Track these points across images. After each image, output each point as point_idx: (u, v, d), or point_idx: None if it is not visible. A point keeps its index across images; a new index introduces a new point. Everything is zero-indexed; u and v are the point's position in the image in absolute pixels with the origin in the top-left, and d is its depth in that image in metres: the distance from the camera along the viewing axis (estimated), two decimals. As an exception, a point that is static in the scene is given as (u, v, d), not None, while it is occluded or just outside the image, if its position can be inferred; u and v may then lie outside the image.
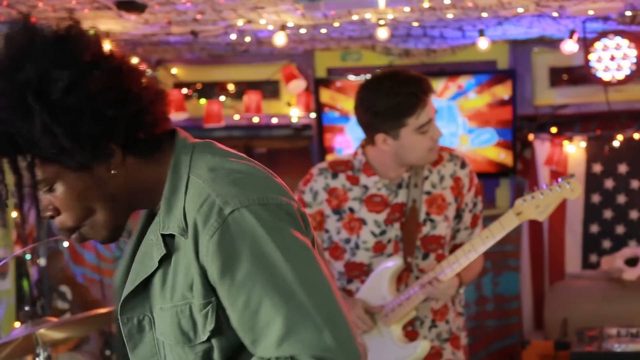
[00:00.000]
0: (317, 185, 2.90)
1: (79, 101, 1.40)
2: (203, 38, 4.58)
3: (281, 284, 1.38)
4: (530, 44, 5.19)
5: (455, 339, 2.95)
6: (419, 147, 2.79)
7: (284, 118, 5.50)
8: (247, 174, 1.48)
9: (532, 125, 5.39)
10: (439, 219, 2.87)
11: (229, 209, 1.41)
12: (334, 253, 2.93)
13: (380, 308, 2.86)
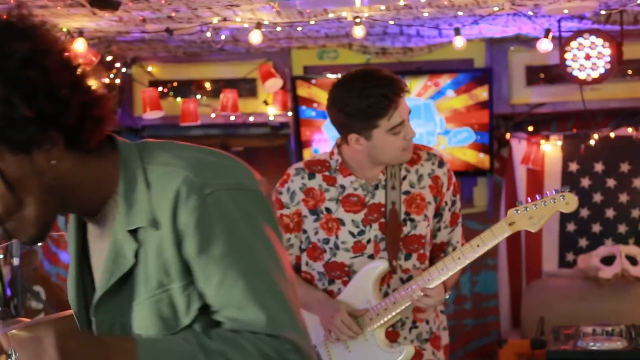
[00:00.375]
0: (293, 186, 2.88)
1: (36, 75, 1.39)
2: (178, 36, 4.54)
3: (254, 266, 1.43)
4: (506, 42, 5.20)
5: (435, 339, 2.93)
6: (392, 148, 2.77)
7: (260, 116, 5.48)
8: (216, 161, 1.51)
9: (508, 124, 5.40)
10: (419, 219, 2.85)
11: (209, 190, 1.43)
12: (312, 254, 2.90)
13: (364, 311, 2.83)
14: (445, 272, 2.78)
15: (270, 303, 1.43)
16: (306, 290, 2.89)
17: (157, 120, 5.33)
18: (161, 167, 1.47)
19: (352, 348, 2.86)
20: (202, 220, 1.42)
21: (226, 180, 1.46)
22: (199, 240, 1.42)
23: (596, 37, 4.50)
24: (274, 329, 1.41)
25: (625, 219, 5.24)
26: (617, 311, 4.71)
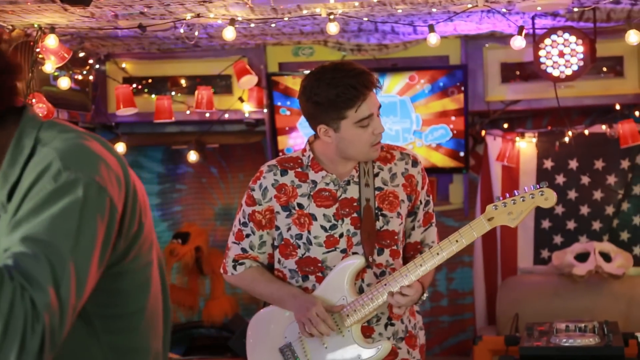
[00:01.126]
0: (265, 182, 2.88)
1: None
2: (152, 32, 4.51)
3: (65, 254, 1.43)
4: (481, 39, 5.20)
5: (410, 338, 2.92)
6: (359, 142, 2.76)
7: (236, 113, 5.45)
8: (93, 152, 1.53)
9: (484, 121, 5.41)
10: (392, 215, 2.85)
11: (66, 175, 1.45)
12: (284, 251, 2.89)
13: (341, 307, 2.83)
14: (424, 267, 2.78)
15: (60, 291, 1.40)
16: (281, 286, 2.89)
17: (131, 117, 5.29)
18: (45, 148, 1.50)
19: (328, 344, 2.85)
20: (47, 197, 1.44)
21: (89, 171, 1.48)
22: (29, 210, 1.44)
23: (569, 34, 4.51)
24: (44, 309, 1.38)
25: (600, 216, 5.26)
26: (590, 308, 4.73)
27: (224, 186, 6.00)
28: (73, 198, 1.45)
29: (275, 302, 2.94)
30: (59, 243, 1.42)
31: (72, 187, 1.45)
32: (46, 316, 1.38)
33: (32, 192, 1.45)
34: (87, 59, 5.10)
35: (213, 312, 5.55)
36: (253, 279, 2.93)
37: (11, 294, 1.36)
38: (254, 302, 5.70)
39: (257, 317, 3.05)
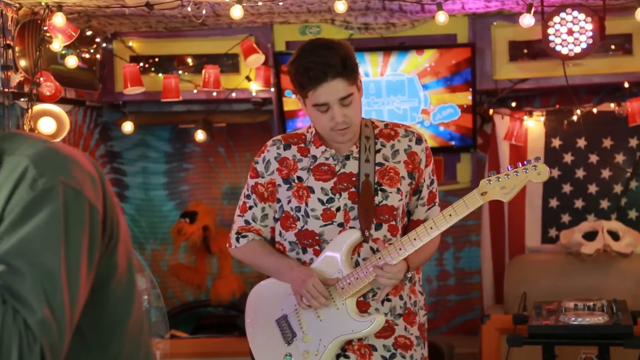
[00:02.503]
0: (269, 155, 2.95)
1: None
2: (158, 11, 4.49)
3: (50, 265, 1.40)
4: (489, 17, 5.17)
5: (409, 315, 2.94)
6: (319, 123, 2.83)
7: (243, 92, 5.43)
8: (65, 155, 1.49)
9: (491, 99, 5.38)
10: (392, 191, 2.88)
11: (43, 181, 1.41)
12: (285, 223, 2.94)
13: (336, 281, 2.86)
14: (418, 242, 2.80)
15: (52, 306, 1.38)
16: (278, 258, 2.94)
17: (138, 96, 5.28)
18: (13, 157, 1.45)
19: (323, 317, 2.89)
20: (27, 208, 1.40)
21: (63, 175, 1.44)
22: (12, 224, 1.40)
23: (578, 12, 4.48)
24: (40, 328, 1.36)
25: (608, 195, 5.24)
26: (598, 286, 4.73)
27: (231, 165, 6.00)
28: (53, 207, 1.41)
29: (273, 274, 2.99)
30: (45, 255, 1.40)
31: (50, 195, 1.42)
32: (42, 334, 1.36)
33: (10, 204, 1.41)
34: (94, 38, 5.08)
35: (221, 291, 5.56)
36: (254, 251, 2.99)
37: (2, 318, 1.34)
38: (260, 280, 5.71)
39: (255, 290, 3.11)
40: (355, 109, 2.81)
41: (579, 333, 3.67)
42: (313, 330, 2.91)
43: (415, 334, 2.95)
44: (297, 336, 2.94)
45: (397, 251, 2.80)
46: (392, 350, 2.89)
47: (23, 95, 4.31)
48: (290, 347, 2.95)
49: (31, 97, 4.30)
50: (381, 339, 2.89)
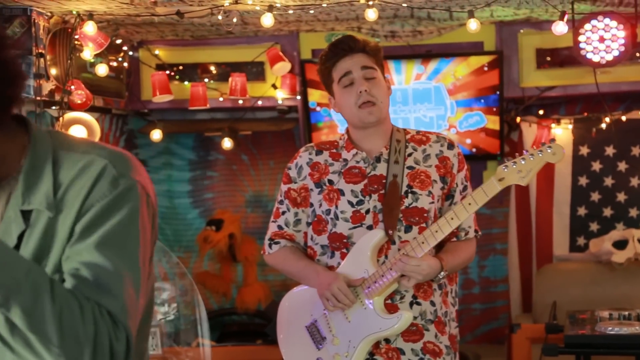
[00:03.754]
0: (301, 161, 2.99)
1: None
2: (187, 19, 4.49)
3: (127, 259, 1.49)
4: (516, 25, 5.15)
5: (440, 323, 2.92)
6: (348, 103, 2.90)
7: (269, 100, 5.43)
8: (132, 158, 1.58)
9: (518, 107, 5.36)
10: (422, 193, 2.88)
11: (123, 181, 1.50)
12: (317, 227, 2.96)
13: (361, 280, 2.87)
14: (440, 234, 2.82)
15: (129, 296, 1.46)
16: (307, 264, 2.96)
17: (164, 104, 5.28)
18: (80, 154, 1.52)
19: (351, 318, 2.89)
20: (110, 205, 1.49)
21: (137, 176, 1.53)
22: (94, 218, 1.47)
23: (610, 19, 4.45)
24: (122, 315, 1.44)
25: (637, 203, 5.22)
26: (629, 295, 4.70)
27: (255, 173, 5.99)
28: (133, 204, 1.50)
29: (302, 280, 3.02)
30: (127, 248, 1.48)
31: (130, 194, 1.51)
32: (125, 319, 1.44)
33: (91, 199, 1.48)
34: (122, 46, 5.09)
35: (246, 299, 5.55)
36: (285, 257, 3.02)
37: (93, 315, 1.40)
38: (284, 289, 5.68)
39: (286, 298, 3.13)
40: (379, 88, 2.90)
41: (616, 343, 3.64)
42: (342, 333, 2.91)
43: (445, 343, 2.93)
44: (326, 340, 2.95)
45: (419, 245, 2.81)
46: (420, 355, 2.88)
47: (54, 104, 4.32)
48: (320, 351, 2.96)
49: (62, 105, 4.31)
50: (410, 342, 2.87)
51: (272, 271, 5.64)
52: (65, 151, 1.53)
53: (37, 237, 1.49)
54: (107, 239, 1.47)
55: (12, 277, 1.36)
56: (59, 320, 1.37)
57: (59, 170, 1.51)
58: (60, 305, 1.38)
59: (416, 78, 5.20)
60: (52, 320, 1.37)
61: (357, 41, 2.92)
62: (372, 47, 2.95)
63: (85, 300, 1.41)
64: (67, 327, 1.38)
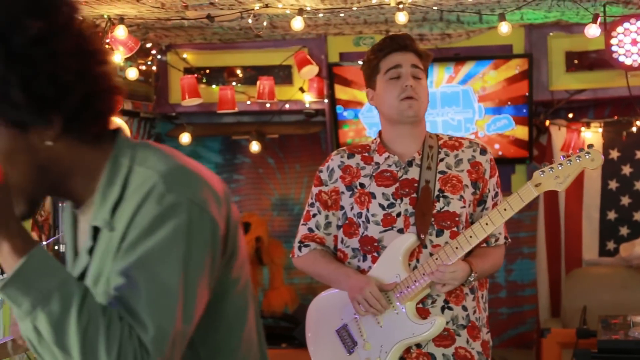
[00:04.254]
0: (333, 164, 2.99)
1: (41, 56, 1.37)
2: (217, 22, 4.50)
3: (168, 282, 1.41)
4: (546, 28, 5.13)
5: (473, 329, 2.89)
6: (390, 95, 2.90)
7: (296, 104, 5.43)
8: (193, 173, 1.50)
9: (547, 110, 5.33)
10: (454, 197, 2.87)
11: (170, 198, 1.43)
12: (348, 230, 2.95)
13: (393, 285, 2.85)
14: (474, 239, 2.80)
15: (160, 322, 1.39)
16: (337, 267, 2.95)
17: (191, 108, 5.29)
18: (144, 170, 1.47)
19: (383, 323, 2.87)
20: (152, 223, 1.42)
21: (190, 193, 1.45)
22: (136, 237, 1.42)
23: (643, 22, 4.43)
24: (151, 343, 1.38)
25: (668, 207, 5.18)
26: (661, 300, 4.66)
27: (281, 176, 5.99)
28: (178, 222, 1.42)
29: (332, 283, 3.00)
30: (164, 271, 1.41)
31: (176, 211, 1.42)
32: (155, 350, 1.37)
33: (137, 217, 1.43)
34: (151, 50, 5.10)
35: (273, 302, 5.54)
36: (315, 260, 3.00)
37: (120, 335, 1.36)
38: (310, 293, 5.69)
39: (315, 301, 3.12)
40: (422, 90, 2.91)
41: (652, 348, 3.61)
42: (374, 337, 2.89)
43: (478, 349, 2.90)
44: (358, 344, 2.93)
45: (453, 250, 2.79)
46: None
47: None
48: (351, 356, 2.94)
49: (93, 108, 4.31)
50: (441, 347, 2.85)
51: (298, 274, 5.64)
52: (138, 166, 1.48)
53: (100, 254, 1.48)
54: (142, 262, 1.40)
55: (45, 286, 1.35)
56: (83, 336, 1.35)
57: (127, 187, 1.47)
58: (86, 321, 1.35)
59: (447, 81, 5.18)
60: (76, 335, 1.35)
61: (413, 41, 2.95)
62: (424, 52, 2.98)
63: (117, 320, 1.37)
64: (90, 344, 1.35)
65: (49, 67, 1.37)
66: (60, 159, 1.45)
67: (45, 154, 1.43)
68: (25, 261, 1.35)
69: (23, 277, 1.35)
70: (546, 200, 5.33)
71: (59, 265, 1.39)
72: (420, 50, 2.95)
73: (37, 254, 1.37)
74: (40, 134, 1.42)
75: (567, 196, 5.25)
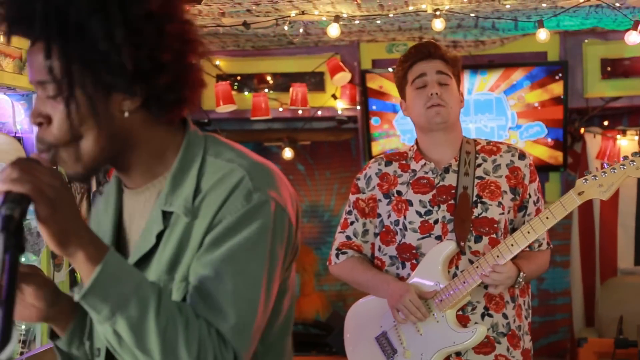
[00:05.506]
0: (370, 172, 2.99)
1: (151, 31, 1.39)
2: (252, 29, 4.50)
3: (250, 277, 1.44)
4: (581, 35, 5.09)
5: (513, 337, 2.87)
6: (417, 104, 2.89)
7: (328, 110, 5.43)
8: (272, 171, 1.52)
9: (582, 118, 5.30)
10: (492, 204, 2.84)
11: (257, 196, 1.45)
12: (385, 237, 2.94)
13: (433, 293, 2.83)
14: (516, 247, 2.77)
15: (244, 315, 1.42)
16: (375, 274, 2.93)
17: (223, 114, 5.30)
18: (223, 162, 1.49)
19: (423, 330, 2.85)
20: (240, 219, 1.44)
21: (273, 191, 1.47)
22: (224, 231, 1.43)
23: (682, 29, 4.38)
24: (232, 335, 1.40)
25: None
26: (700, 310, 4.61)
27: (311, 183, 5.99)
28: (263, 221, 1.44)
29: (370, 290, 2.99)
30: (251, 266, 1.43)
31: (262, 209, 1.45)
32: (234, 341, 1.40)
33: (223, 211, 1.44)
34: (184, 57, 5.11)
35: (304, 309, 5.53)
36: (352, 267, 2.99)
37: (198, 332, 1.38)
38: (340, 300, 5.68)
39: (353, 308, 3.09)
40: (450, 95, 2.89)
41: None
42: (414, 345, 2.87)
43: (518, 358, 2.88)
44: (397, 352, 2.92)
45: (494, 258, 2.76)
46: None
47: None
48: None
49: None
50: (481, 354, 2.82)
51: (328, 281, 5.63)
52: (213, 157, 1.50)
53: (175, 241, 1.48)
54: (230, 256, 1.42)
55: (122, 291, 1.36)
56: (163, 337, 1.36)
57: (202, 176, 1.48)
58: (165, 322, 1.37)
59: (480, 89, 5.16)
60: (156, 337, 1.36)
61: (438, 48, 2.93)
62: (451, 56, 2.95)
63: (194, 318, 1.39)
64: (170, 344, 1.37)
65: (153, 42, 1.40)
66: (131, 131, 1.47)
67: (120, 123, 1.45)
68: (101, 269, 1.35)
69: (100, 285, 1.35)
70: (581, 208, 5.26)
71: (131, 268, 1.41)
72: (447, 56, 2.93)
73: (111, 260, 1.37)
74: (121, 102, 1.43)
75: (602, 204, 5.21)
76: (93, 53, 1.37)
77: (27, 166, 1.33)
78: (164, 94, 1.45)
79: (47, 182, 1.32)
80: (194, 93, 1.50)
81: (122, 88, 1.41)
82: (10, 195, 1.29)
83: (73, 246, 1.35)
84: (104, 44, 1.36)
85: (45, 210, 1.31)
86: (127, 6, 1.38)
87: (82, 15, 1.36)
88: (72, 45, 1.37)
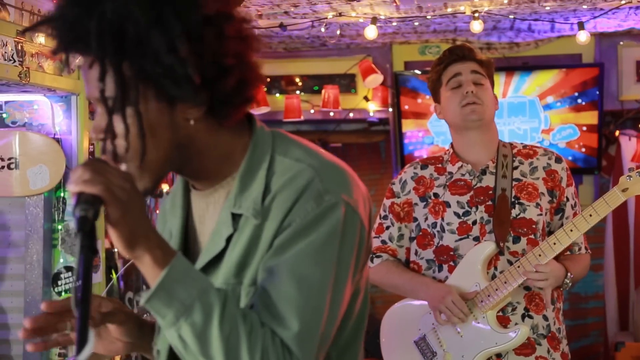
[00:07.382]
0: (406, 176, 2.98)
1: (211, 36, 1.36)
2: (288, 31, 4.49)
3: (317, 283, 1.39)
4: (616, 37, 5.06)
5: (553, 339, 2.85)
6: (452, 103, 2.87)
7: (360, 112, 5.41)
8: (344, 171, 1.48)
9: (617, 120, 5.26)
10: (530, 205, 2.82)
11: (328, 198, 1.40)
12: (422, 241, 2.91)
13: (474, 294, 2.80)
14: (558, 246, 2.74)
15: (308, 323, 1.37)
16: (413, 276, 2.91)
17: (260, 116, 5.28)
18: (292, 162, 1.44)
19: (463, 332, 2.83)
20: (309, 223, 1.39)
21: (345, 193, 1.43)
22: (292, 235, 1.39)
23: None
24: (296, 344, 1.36)
25: None
26: None
27: (340, 186, 5.97)
28: (333, 224, 1.40)
29: (408, 293, 2.96)
30: (315, 272, 1.39)
31: (333, 212, 1.40)
32: (298, 350, 1.36)
33: (293, 213, 1.40)
34: (217, 58, 5.10)
35: (335, 312, 5.52)
36: (388, 270, 2.97)
37: (262, 341, 1.35)
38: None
39: (389, 313, 3.07)
40: (484, 94, 2.87)
41: None
42: (454, 348, 2.85)
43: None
44: (437, 355, 2.89)
45: (536, 258, 2.74)
46: None
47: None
48: None
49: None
50: (521, 356, 2.79)
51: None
52: (282, 156, 1.46)
53: (244, 244, 1.44)
54: (295, 262, 1.38)
55: (186, 296, 1.34)
56: (226, 345, 1.34)
57: (271, 176, 1.44)
58: (229, 330, 1.34)
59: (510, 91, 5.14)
60: (219, 344, 1.34)
61: (471, 50, 2.93)
62: (484, 59, 2.96)
63: (259, 326, 1.35)
64: (233, 353, 1.34)
65: (215, 47, 1.36)
66: (197, 139, 1.44)
67: (185, 131, 1.42)
68: (166, 273, 1.34)
69: (165, 289, 1.34)
70: (615, 211, 5.22)
71: (197, 273, 1.38)
72: (480, 58, 2.92)
73: (177, 265, 1.35)
74: (186, 111, 1.40)
75: (637, 207, 5.17)
76: (156, 67, 1.33)
77: (99, 167, 1.31)
78: (229, 97, 1.41)
79: (118, 184, 1.30)
80: (256, 91, 1.47)
81: (188, 98, 1.38)
82: (83, 196, 1.27)
83: (141, 249, 1.34)
84: (168, 57, 1.32)
85: (116, 212, 1.29)
86: (184, 14, 1.34)
87: (140, 30, 1.32)
88: (132, 62, 1.33)
